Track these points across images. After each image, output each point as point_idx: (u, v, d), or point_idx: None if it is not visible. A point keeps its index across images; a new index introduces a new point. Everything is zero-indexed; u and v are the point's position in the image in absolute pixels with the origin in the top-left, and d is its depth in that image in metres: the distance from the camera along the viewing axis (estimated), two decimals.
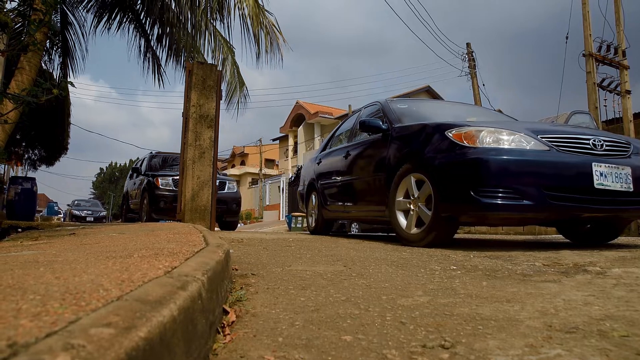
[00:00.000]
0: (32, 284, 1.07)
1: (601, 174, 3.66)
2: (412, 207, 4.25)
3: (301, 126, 36.85)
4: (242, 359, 1.12)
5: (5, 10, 5.47)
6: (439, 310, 1.60)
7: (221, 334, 1.32)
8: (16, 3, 7.92)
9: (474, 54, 20.69)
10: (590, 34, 14.89)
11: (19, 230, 7.60)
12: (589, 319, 1.47)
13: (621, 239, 5.53)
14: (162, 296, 0.92)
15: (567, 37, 16.25)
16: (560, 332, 1.32)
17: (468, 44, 20.97)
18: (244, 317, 1.52)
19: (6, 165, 16.60)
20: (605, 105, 15.85)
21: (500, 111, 14.92)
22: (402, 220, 4.38)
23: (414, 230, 4.20)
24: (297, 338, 1.28)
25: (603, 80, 15.74)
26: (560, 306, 1.65)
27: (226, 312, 1.54)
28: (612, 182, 3.69)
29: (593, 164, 3.67)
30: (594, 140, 3.83)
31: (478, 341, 1.24)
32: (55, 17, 10.25)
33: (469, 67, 20.52)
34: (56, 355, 0.56)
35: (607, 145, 3.86)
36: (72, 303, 0.85)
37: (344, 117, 7.95)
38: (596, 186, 3.63)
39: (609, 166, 3.71)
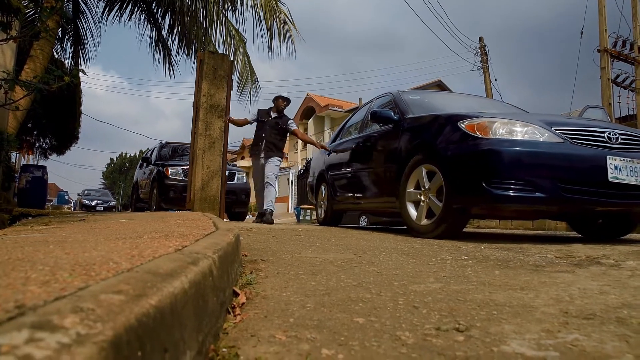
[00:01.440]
0: (41, 258, 1.06)
1: (616, 167, 3.60)
2: (422, 198, 4.22)
3: (311, 119, 36.77)
4: (253, 338, 1.10)
5: None
6: (452, 296, 1.57)
7: (231, 314, 1.30)
8: None
9: (486, 48, 20.51)
10: (605, 29, 14.71)
11: (30, 217, 7.64)
12: (606, 306, 1.44)
13: (633, 235, 5.46)
14: (173, 269, 0.90)
15: (581, 32, 16.08)
16: (577, 318, 1.29)
17: (481, 38, 20.78)
18: (255, 299, 1.51)
19: (17, 154, 16.72)
20: (619, 102, 15.70)
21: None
22: (413, 212, 4.35)
23: (425, 221, 4.16)
24: (308, 319, 1.26)
25: (617, 76, 15.57)
26: (576, 294, 1.62)
27: (236, 294, 1.52)
28: (627, 175, 3.63)
29: (607, 157, 3.61)
30: (609, 133, 3.77)
31: (493, 325, 1.21)
32: (67, 5, 10.28)
33: (481, 61, 20.34)
34: (65, 316, 0.54)
35: (622, 139, 3.79)
36: (81, 273, 0.83)
37: (354, 110, 7.91)
38: (610, 179, 3.57)
39: (623, 159, 3.65)
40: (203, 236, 1.73)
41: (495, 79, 23.38)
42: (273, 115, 7.62)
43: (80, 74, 5.31)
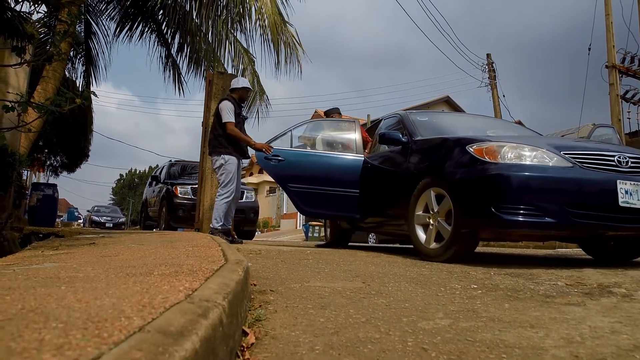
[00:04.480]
0: (54, 308, 1.08)
1: (626, 192, 3.58)
2: (431, 221, 4.21)
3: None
4: None
5: (31, 21, 5.57)
6: (461, 336, 1.57)
7: (240, 358, 1.31)
8: (41, 14, 8.08)
9: (494, 64, 20.57)
10: (613, 45, 14.71)
11: (40, 235, 7.70)
12: (617, 349, 1.43)
13: None
14: (183, 326, 0.91)
15: (589, 49, 16.07)
16: None
17: (488, 55, 20.86)
18: (264, 340, 1.51)
19: (28, 172, 16.89)
20: (629, 118, 15.68)
21: (520, 122, 14.77)
22: (421, 235, 4.33)
23: (433, 245, 4.15)
24: None
25: (627, 92, 15.55)
26: (587, 334, 1.61)
27: (245, 334, 1.53)
28: (638, 200, 3.61)
29: (618, 181, 3.59)
30: (619, 157, 3.75)
31: None
32: (79, 26, 10.43)
33: (489, 77, 20.39)
34: None
35: (632, 162, 3.77)
36: (94, 334, 0.84)
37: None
38: (621, 204, 3.55)
39: (634, 184, 3.63)
40: (212, 272, 1.74)
41: (504, 95, 23.40)
42: (240, 106, 6.43)
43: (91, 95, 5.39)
